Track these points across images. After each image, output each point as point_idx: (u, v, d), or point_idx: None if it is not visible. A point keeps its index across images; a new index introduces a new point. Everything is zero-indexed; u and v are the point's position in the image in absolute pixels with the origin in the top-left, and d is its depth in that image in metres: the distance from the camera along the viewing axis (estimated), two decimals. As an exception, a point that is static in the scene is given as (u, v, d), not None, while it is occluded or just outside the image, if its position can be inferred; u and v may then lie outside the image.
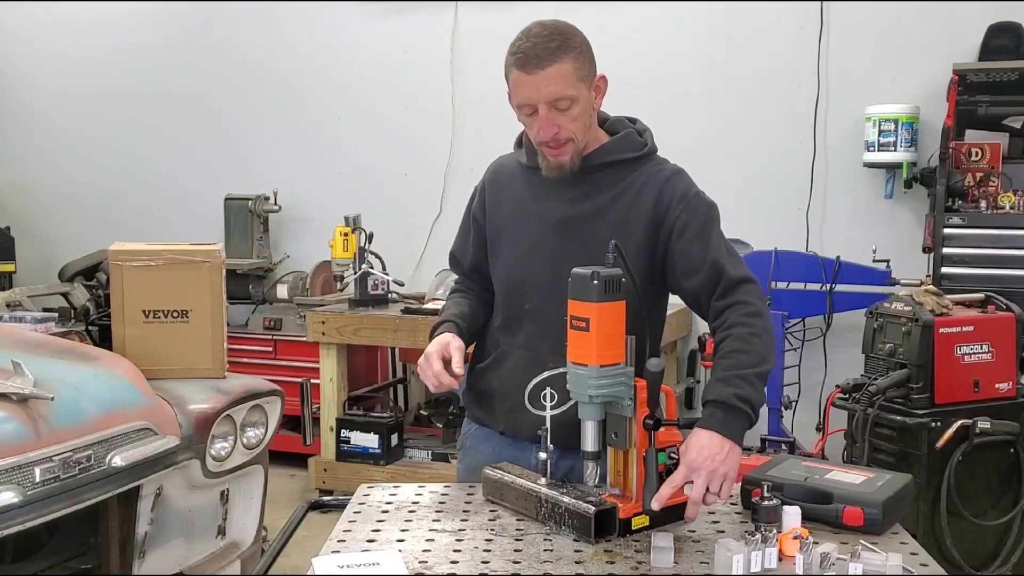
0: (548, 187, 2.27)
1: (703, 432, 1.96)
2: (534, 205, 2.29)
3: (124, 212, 6.81)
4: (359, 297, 5.21)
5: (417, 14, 6.10)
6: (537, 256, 2.27)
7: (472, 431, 2.49)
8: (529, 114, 2.17)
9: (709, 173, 5.81)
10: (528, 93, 2.14)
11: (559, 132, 2.16)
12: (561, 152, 2.19)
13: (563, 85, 2.13)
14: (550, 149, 2.20)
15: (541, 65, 2.12)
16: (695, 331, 5.49)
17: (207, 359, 3.44)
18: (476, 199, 2.42)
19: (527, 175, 2.33)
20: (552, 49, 2.12)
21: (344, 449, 5.19)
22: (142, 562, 3.04)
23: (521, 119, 2.22)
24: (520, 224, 2.31)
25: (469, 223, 2.44)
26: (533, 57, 2.12)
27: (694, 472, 1.91)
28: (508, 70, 2.17)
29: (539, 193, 2.29)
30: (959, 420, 3.54)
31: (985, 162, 4.81)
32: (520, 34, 2.18)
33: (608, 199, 2.24)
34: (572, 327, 1.94)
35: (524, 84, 2.14)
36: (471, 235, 2.43)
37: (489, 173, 2.43)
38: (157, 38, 6.78)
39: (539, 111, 2.14)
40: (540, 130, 2.16)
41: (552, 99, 2.13)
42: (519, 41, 2.16)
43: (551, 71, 2.12)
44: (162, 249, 3.46)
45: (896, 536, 1.96)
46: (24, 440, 2.59)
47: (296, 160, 6.44)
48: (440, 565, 1.81)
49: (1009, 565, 3.67)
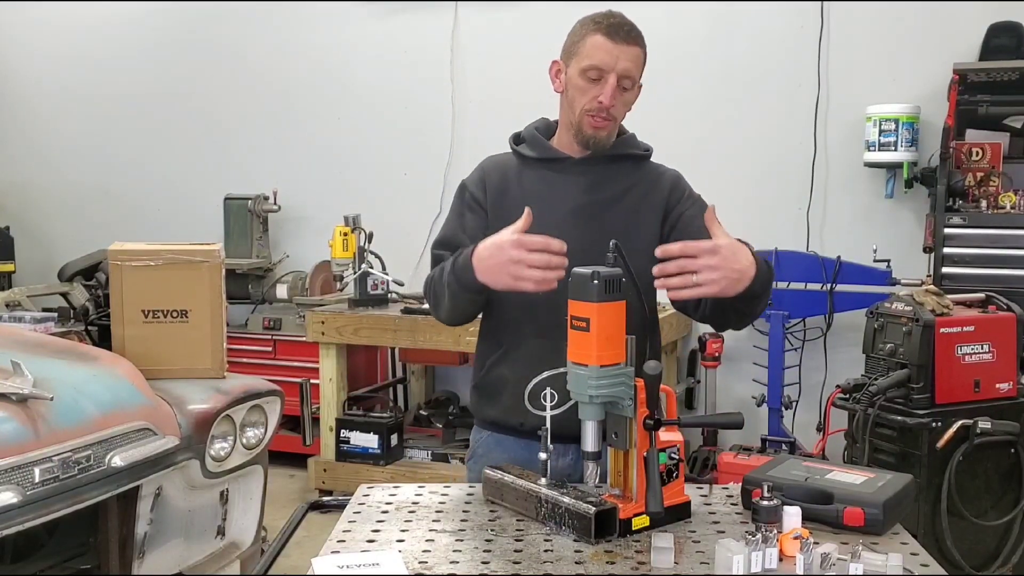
0: (562, 175, 2.33)
1: (746, 248, 2.04)
2: (548, 193, 2.32)
3: (124, 212, 6.82)
4: (359, 297, 5.21)
5: (417, 14, 6.10)
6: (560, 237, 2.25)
7: (484, 438, 2.43)
8: (594, 79, 2.23)
9: (709, 173, 5.84)
10: (606, 58, 2.22)
11: (614, 107, 2.26)
12: (604, 126, 2.28)
13: (636, 65, 2.27)
14: (597, 119, 2.26)
15: (627, 39, 2.24)
16: (695, 331, 5.48)
17: (207, 359, 3.44)
18: (474, 186, 2.39)
19: (534, 167, 2.36)
20: (636, 32, 2.27)
21: (344, 449, 5.19)
22: (142, 562, 3.04)
23: (576, 83, 2.26)
24: (534, 211, 2.24)
25: (463, 208, 2.39)
26: (622, 30, 2.24)
27: (716, 254, 1.96)
28: (583, 35, 2.26)
29: (551, 181, 2.33)
30: (959, 420, 3.54)
31: (986, 162, 4.81)
32: (600, 13, 2.28)
33: (621, 189, 2.34)
34: (572, 327, 1.93)
35: (606, 49, 2.22)
36: (466, 218, 2.37)
37: (488, 164, 2.43)
38: (157, 38, 6.78)
39: (608, 79, 2.22)
40: (604, 96, 2.23)
41: (625, 73, 2.24)
42: (602, 17, 2.26)
43: (633, 49, 2.25)
44: (162, 249, 3.46)
45: (896, 536, 1.96)
46: (24, 440, 2.59)
47: (296, 160, 6.44)
48: (440, 565, 1.81)
49: (1009, 565, 3.67)
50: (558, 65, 2.35)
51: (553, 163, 2.36)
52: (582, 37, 2.27)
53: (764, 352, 4.96)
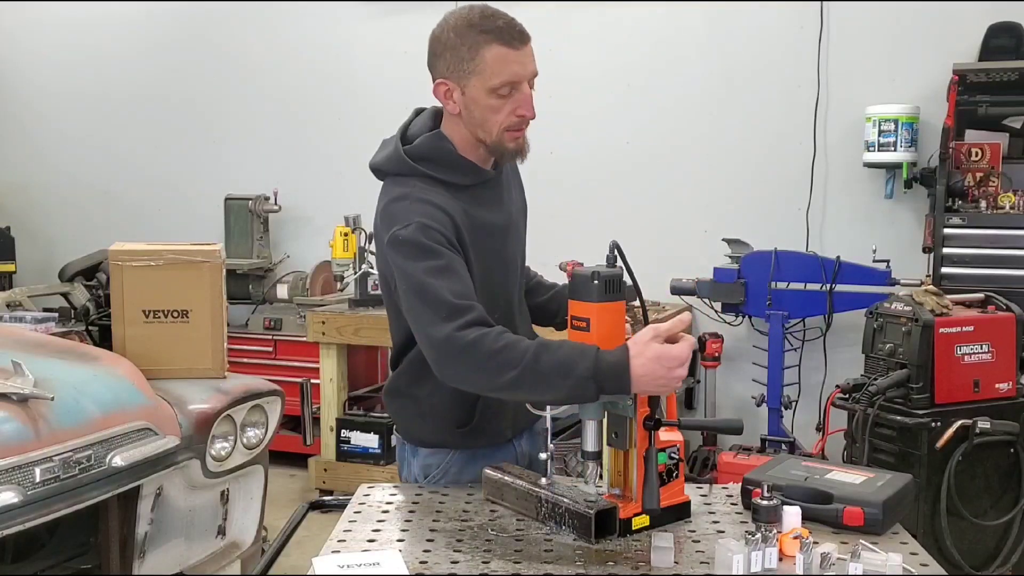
0: (490, 192, 2.21)
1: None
2: (491, 217, 2.19)
3: (124, 212, 6.82)
4: (359, 297, 5.22)
5: (417, 14, 6.08)
6: (508, 265, 2.27)
7: (453, 456, 2.26)
8: (506, 95, 2.07)
9: (709, 173, 5.88)
10: (516, 69, 2.06)
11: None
12: (523, 134, 2.15)
13: (535, 63, 2.11)
14: (516, 133, 2.12)
15: (524, 40, 2.07)
16: (695, 331, 5.48)
17: (207, 359, 3.45)
18: (442, 225, 2.06)
19: (462, 193, 2.14)
20: (522, 27, 2.08)
21: (344, 449, 5.19)
22: (142, 562, 3.04)
23: (485, 103, 2.07)
24: (486, 240, 2.17)
25: (448, 254, 2.04)
26: (515, 31, 2.06)
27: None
28: (476, 49, 2.04)
29: (486, 202, 2.19)
30: (959, 420, 3.54)
31: (985, 162, 4.81)
32: (475, 15, 2.06)
33: (517, 190, 2.33)
34: (572, 327, 1.94)
35: (511, 60, 2.05)
36: (456, 262, 2.05)
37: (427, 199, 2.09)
38: (157, 38, 6.78)
39: (522, 89, 2.08)
40: (525, 109, 2.09)
41: (533, 75, 2.11)
42: (487, 20, 2.05)
43: (529, 47, 2.09)
44: (162, 249, 3.47)
45: (896, 536, 1.96)
46: (24, 440, 2.59)
47: (296, 160, 6.44)
48: (440, 565, 1.81)
49: (1009, 565, 3.67)
50: (445, 85, 2.10)
51: (484, 184, 2.20)
52: (475, 51, 2.04)
53: (764, 352, 4.96)
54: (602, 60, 5.68)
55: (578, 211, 5.42)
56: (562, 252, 4.89)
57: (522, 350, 1.89)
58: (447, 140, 2.16)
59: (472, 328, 1.93)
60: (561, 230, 4.69)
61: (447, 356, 1.97)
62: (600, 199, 5.70)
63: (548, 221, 2.40)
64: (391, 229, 2.06)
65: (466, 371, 1.96)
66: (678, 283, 5.05)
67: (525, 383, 1.89)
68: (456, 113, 2.12)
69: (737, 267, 4.91)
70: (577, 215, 5.37)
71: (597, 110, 5.64)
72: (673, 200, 5.63)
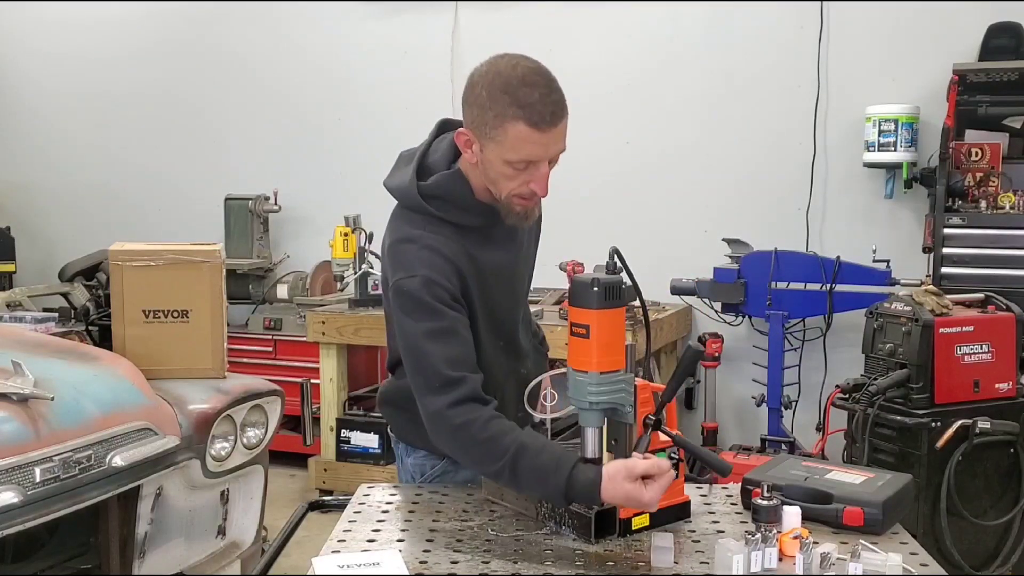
0: (498, 230, 2.17)
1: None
2: (498, 258, 2.19)
3: (124, 212, 6.82)
4: (359, 297, 5.22)
5: (417, 14, 6.10)
6: (515, 293, 2.29)
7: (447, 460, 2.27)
8: (522, 169, 2.01)
9: (709, 173, 5.88)
10: (536, 151, 1.99)
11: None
12: (533, 202, 2.10)
13: (563, 140, 2.03)
14: (525, 201, 2.07)
15: (553, 121, 1.97)
16: (695, 331, 5.49)
17: (207, 359, 3.45)
18: (448, 280, 2.05)
19: (464, 235, 2.12)
20: (557, 103, 1.98)
21: (344, 449, 5.19)
22: (142, 562, 3.04)
23: (500, 169, 2.01)
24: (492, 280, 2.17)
25: (450, 314, 2.03)
26: (548, 114, 1.96)
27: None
28: (501, 119, 1.96)
29: (495, 242, 2.17)
30: (959, 420, 3.54)
31: (985, 162, 4.81)
32: (515, 78, 1.96)
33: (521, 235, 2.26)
34: (572, 334, 1.93)
35: (533, 141, 1.97)
36: (459, 323, 2.05)
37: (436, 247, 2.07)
38: (157, 38, 6.78)
39: (540, 168, 2.02)
40: (538, 187, 2.04)
41: (555, 156, 2.03)
42: (523, 90, 1.95)
43: (560, 128, 2.00)
44: (162, 249, 3.47)
45: (896, 536, 1.96)
46: (24, 440, 2.59)
47: (296, 160, 6.44)
48: (440, 565, 1.81)
49: (1009, 565, 3.67)
50: (467, 135, 2.05)
51: (495, 224, 2.15)
52: (501, 121, 1.96)
53: (764, 352, 4.96)
54: (602, 60, 5.68)
55: (578, 211, 5.42)
56: (562, 252, 4.92)
57: (505, 446, 1.92)
58: (464, 181, 2.12)
59: (463, 406, 1.96)
60: (561, 230, 4.67)
61: (437, 430, 2.02)
62: (600, 199, 5.70)
63: (548, 222, 2.38)
64: (396, 274, 2.07)
65: (453, 449, 2.05)
66: (678, 283, 5.05)
67: (504, 477, 1.96)
68: (473, 163, 2.08)
69: (737, 267, 4.91)
70: (577, 215, 5.36)
71: (597, 110, 5.64)
72: (673, 200, 5.63)
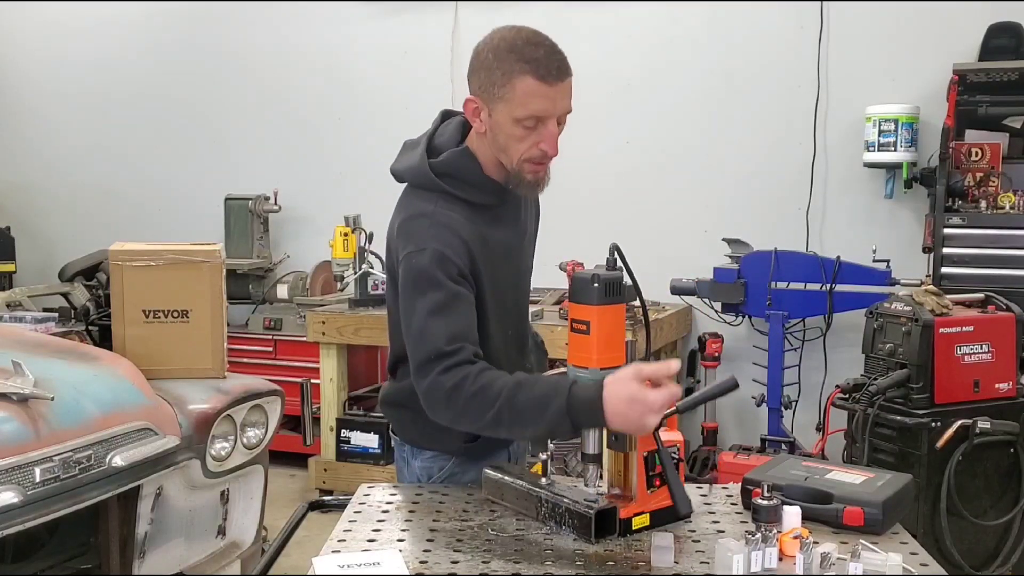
0: (507, 209, 2.19)
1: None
2: (508, 234, 2.20)
3: (124, 212, 6.82)
4: (359, 297, 5.22)
5: (417, 14, 6.10)
6: (521, 278, 2.31)
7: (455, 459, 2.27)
8: (532, 127, 2.03)
9: (709, 173, 5.88)
10: (545, 105, 2.01)
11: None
12: (546, 169, 2.11)
13: (569, 99, 2.06)
14: (536, 166, 2.09)
15: (559, 75, 2.01)
16: (695, 331, 5.49)
17: (207, 359, 3.45)
18: (458, 256, 2.06)
19: (482, 211, 2.14)
20: (562, 60, 2.02)
21: (344, 449, 5.19)
22: (142, 562, 3.04)
23: (509, 131, 2.04)
24: (500, 261, 2.17)
25: (455, 289, 2.03)
26: (553, 66, 2.00)
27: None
28: (509, 76, 2.00)
29: (504, 220, 2.19)
30: (959, 420, 3.54)
31: (985, 162, 4.81)
32: (520, 39, 2.01)
33: (527, 209, 2.29)
34: (572, 330, 1.93)
35: (541, 95, 2.00)
36: (463, 298, 2.05)
37: (447, 223, 2.09)
38: (157, 38, 6.79)
39: (548, 125, 2.04)
40: (548, 146, 2.05)
41: (565, 112, 2.06)
42: (528, 48, 2.00)
43: (566, 84, 2.03)
44: (162, 249, 3.47)
45: (896, 536, 1.96)
46: (24, 440, 2.59)
47: (296, 160, 6.44)
48: (440, 565, 1.81)
49: (1009, 565, 3.67)
50: (475, 103, 2.08)
51: (503, 203, 2.19)
52: (508, 78, 2.00)
53: (764, 352, 4.96)
54: (602, 60, 5.68)
55: (578, 211, 5.41)
56: (562, 252, 4.93)
57: (499, 388, 1.92)
58: (473, 158, 2.14)
59: (452, 371, 1.96)
60: (561, 230, 4.68)
61: (433, 404, 2.02)
62: (600, 199, 5.70)
63: (547, 221, 2.39)
64: (407, 248, 2.08)
65: (451, 416, 2.02)
66: (678, 283, 5.05)
67: (504, 420, 1.93)
68: (482, 132, 2.10)
69: (737, 267, 4.91)
70: (577, 215, 5.36)
71: (597, 110, 5.64)
72: (673, 200, 5.63)
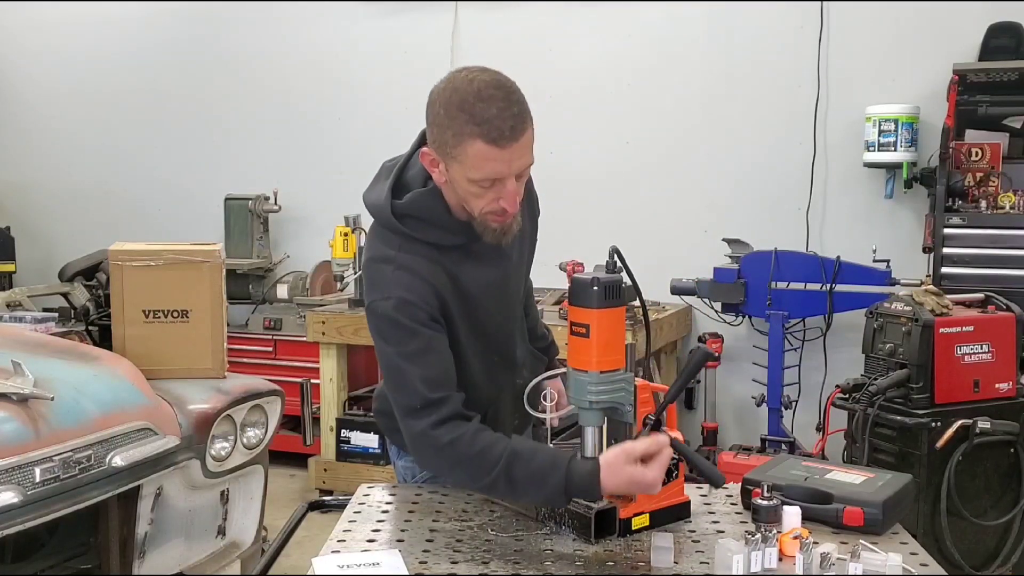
0: (480, 246, 2.06)
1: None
2: (482, 275, 2.10)
3: (124, 212, 6.82)
4: (359, 297, 5.21)
5: (417, 14, 6.10)
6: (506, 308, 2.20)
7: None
8: (488, 186, 1.92)
9: (709, 173, 5.88)
10: (498, 168, 1.89)
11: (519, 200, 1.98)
12: (509, 217, 1.99)
13: (529, 153, 1.93)
14: (499, 217, 1.98)
15: (515, 136, 1.87)
16: (695, 331, 5.49)
17: (207, 359, 3.45)
18: (425, 302, 1.99)
19: (442, 254, 2.04)
20: (517, 116, 1.87)
21: (344, 449, 5.19)
22: (142, 562, 3.04)
23: (466, 188, 1.93)
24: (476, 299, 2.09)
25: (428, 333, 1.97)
26: (507, 129, 1.86)
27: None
28: (460, 138, 1.87)
29: (478, 258, 2.08)
30: (959, 420, 3.54)
31: (985, 162, 4.81)
32: (471, 94, 1.87)
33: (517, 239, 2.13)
34: (572, 333, 1.93)
35: (493, 159, 1.87)
36: (436, 342, 1.99)
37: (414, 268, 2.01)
38: (157, 38, 6.78)
39: (507, 184, 1.92)
40: (507, 203, 1.94)
41: (522, 171, 1.94)
42: (479, 106, 1.85)
43: (523, 141, 1.89)
44: (162, 249, 3.47)
45: (896, 536, 1.96)
46: (24, 440, 2.59)
47: (296, 160, 6.44)
48: (440, 565, 1.81)
49: (1009, 565, 3.67)
50: (431, 156, 1.97)
51: (476, 239, 2.05)
52: (459, 140, 1.87)
53: (764, 352, 4.96)
54: (602, 60, 5.68)
55: (578, 211, 5.42)
56: (562, 252, 4.93)
57: (495, 457, 1.89)
58: (440, 198, 2.03)
59: (447, 425, 1.93)
60: (561, 230, 4.68)
61: (423, 452, 2.00)
62: (600, 199, 5.70)
63: (548, 221, 2.37)
64: (371, 296, 2.03)
65: (442, 469, 2.03)
66: (678, 283, 5.05)
67: (499, 489, 1.94)
68: (442, 183, 2.00)
69: (737, 267, 4.91)
70: (577, 215, 5.37)
71: (597, 110, 5.64)
72: (673, 200, 5.63)
